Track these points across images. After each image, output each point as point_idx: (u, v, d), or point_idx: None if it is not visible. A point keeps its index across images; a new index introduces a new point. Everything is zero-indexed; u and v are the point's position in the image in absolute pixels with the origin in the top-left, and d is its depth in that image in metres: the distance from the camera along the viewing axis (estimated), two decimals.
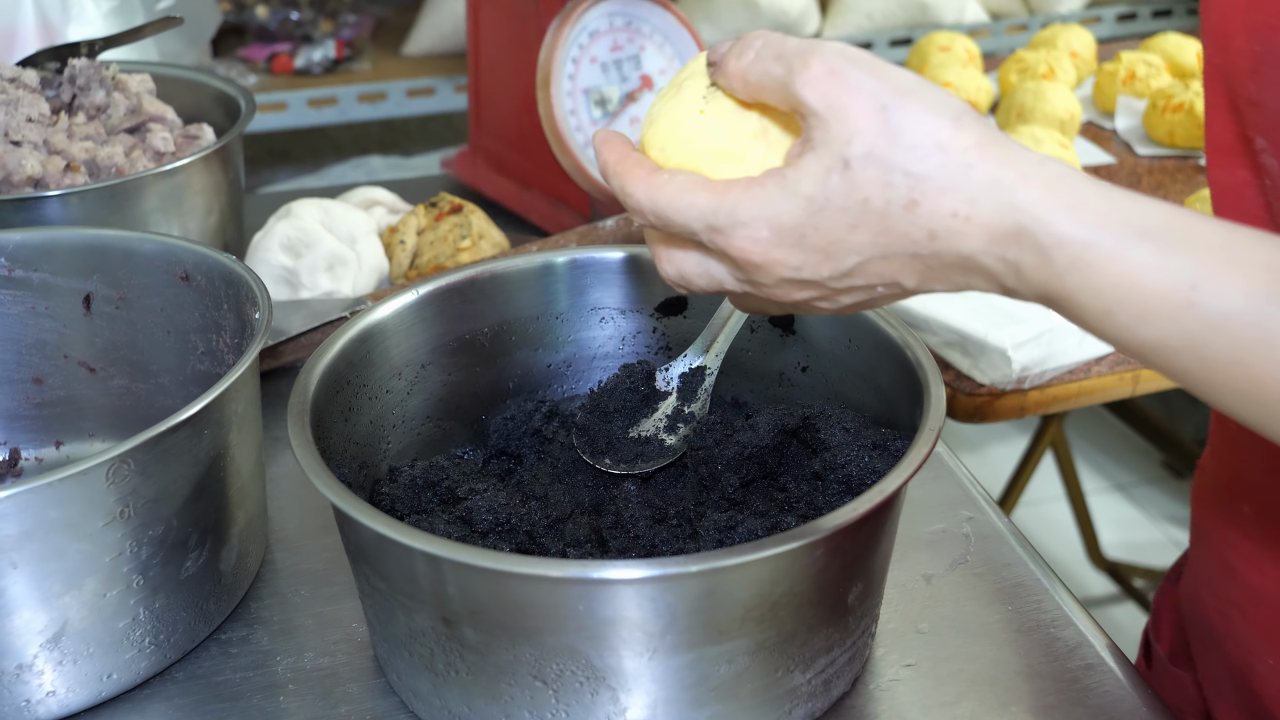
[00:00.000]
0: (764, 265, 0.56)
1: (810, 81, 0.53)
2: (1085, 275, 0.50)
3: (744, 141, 0.58)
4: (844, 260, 0.55)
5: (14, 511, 0.64)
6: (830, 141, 0.53)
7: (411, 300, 0.81)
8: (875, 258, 0.54)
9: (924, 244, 0.53)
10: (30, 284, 0.88)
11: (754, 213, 0.55)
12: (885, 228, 0.53)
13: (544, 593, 0.60)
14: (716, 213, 0.56)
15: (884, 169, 0.52)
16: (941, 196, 0.52)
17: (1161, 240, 0.49)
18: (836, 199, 0.53)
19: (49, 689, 0.70)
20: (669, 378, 0.82)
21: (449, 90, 2.28)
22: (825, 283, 0.56)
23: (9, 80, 1.11)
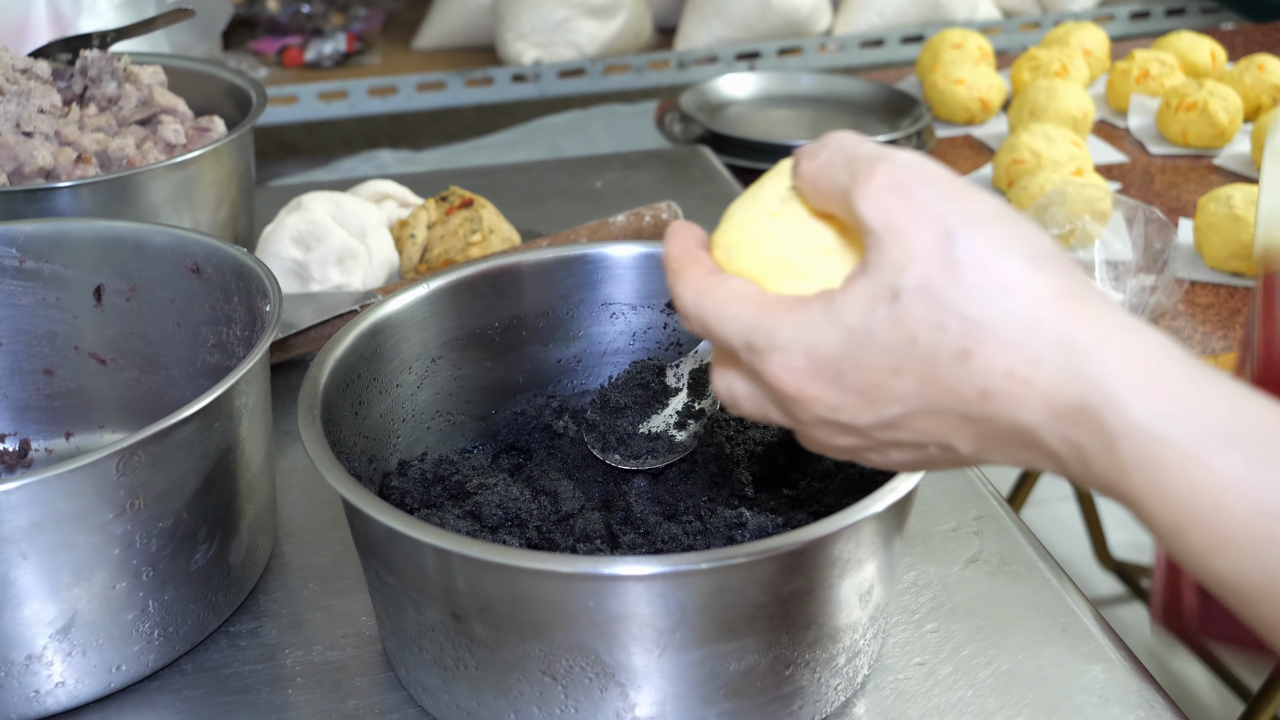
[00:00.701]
0: (799, 400, 0.49)
1: (870, 194, 0.47)
2: (1155, 479, 0.42)
3: (811, 255, 0.51)
4: (886, 408, 0.47)
5: (24, 502, 0.64)
6: (883, 267, 0.46)
7: (422, 294, 0.81)
8: (920, 411, 0.47)
9: (975, 404, 0.45)
10: (41, 275, 0.88)
11: (792, 337, 0.48)
12: (932, 377, 0.46)
13: (554, 588, 0.60)
14: (755, 330, 0.49)
15: (937, 308, 0.45)
16: (999, 351, 0.44)
17: (1256, 451, 0.41)
18: (881, 335, 0.46)
19: (58, 680, 0.70)
20: (680, 374, 0.82)
21: (459, 84, 2.28)
22: (868, 431, 0.49)
23: (21, 71, 1.11)
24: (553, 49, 2.29)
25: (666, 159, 1.49)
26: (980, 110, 1.74)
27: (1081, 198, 1.31)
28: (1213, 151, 1.63)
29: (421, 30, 2.42)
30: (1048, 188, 1.36)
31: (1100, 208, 1.32)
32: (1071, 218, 1.30)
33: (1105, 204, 1.32)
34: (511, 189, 1.39)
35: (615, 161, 1.48)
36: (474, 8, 2.37)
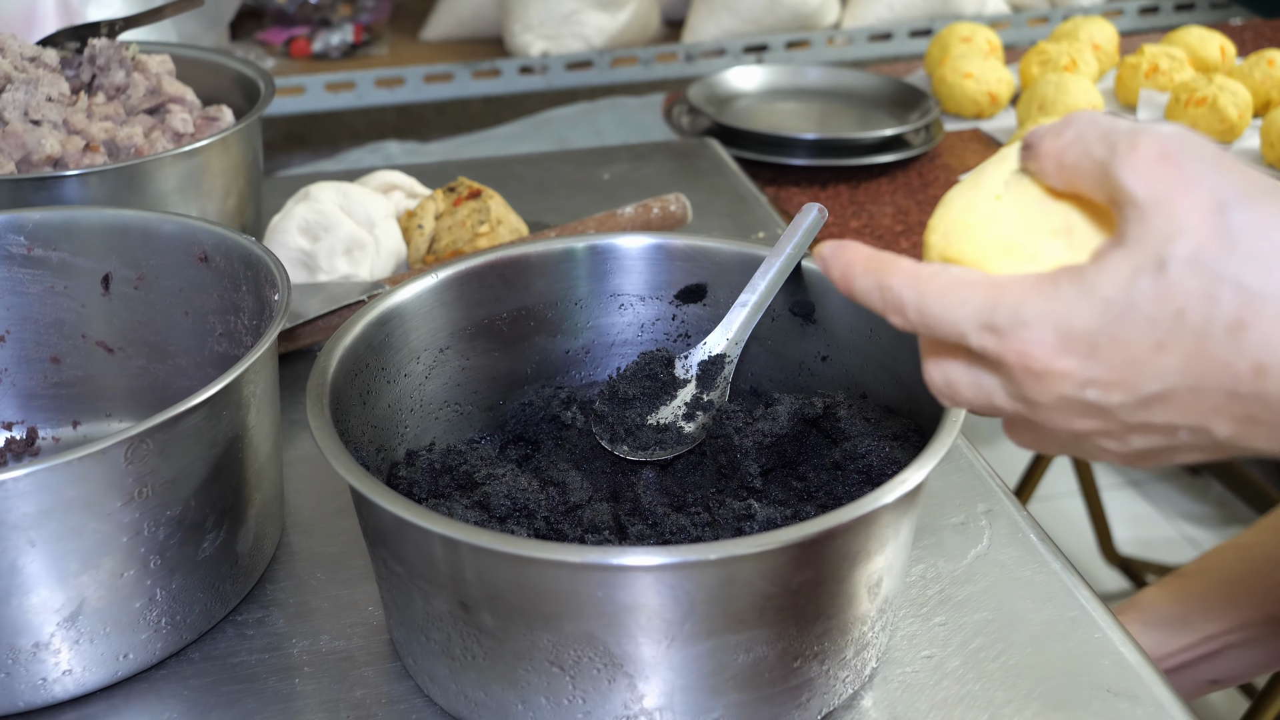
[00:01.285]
0: (1044, 376, 0.47)
1: (1136, 165, 0.45)
2: None
3: (1041, 237, 0.50)
4: (1142, 386, 0.46)
5: (33, 490, 0.64)
6: (1147, 238, 0.45)
7: (431, 284, 0.81)
8: (1182, 389, 0.45)
9: (1246, 379, 0.44)
10: (49, 263, 0.88)
11: (1039, 312, 0.46)
12: (1200, 352, 0.44)
13: (563, 579, 0.60)
14: (995, 310, 0.47)
15: (1210, 278, 0.44)
16: (1278, 321, 0.43)
17: None
18: (1144, 307, 0.44)
19: (65, 668, 0.70)
20: (688, 365, 0.82)
21: (466, 76, 2.28)
22: (1114, 412, 0.47)
23: (29, 59, 1.11)
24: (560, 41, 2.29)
25: (674, 151, 1.49)
26: (989, 104, 1.73)
27: None
28: (1222, 147, 1.63)
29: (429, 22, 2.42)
30: None
31: None
32: None
33: None
34: (519, 180, 1.39)
35: (623, 153, 1.47)
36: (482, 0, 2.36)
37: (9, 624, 0.67)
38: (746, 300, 0.81)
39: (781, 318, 0.83)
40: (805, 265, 0.82)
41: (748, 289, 0.81)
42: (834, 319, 0.81)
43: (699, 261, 0.85)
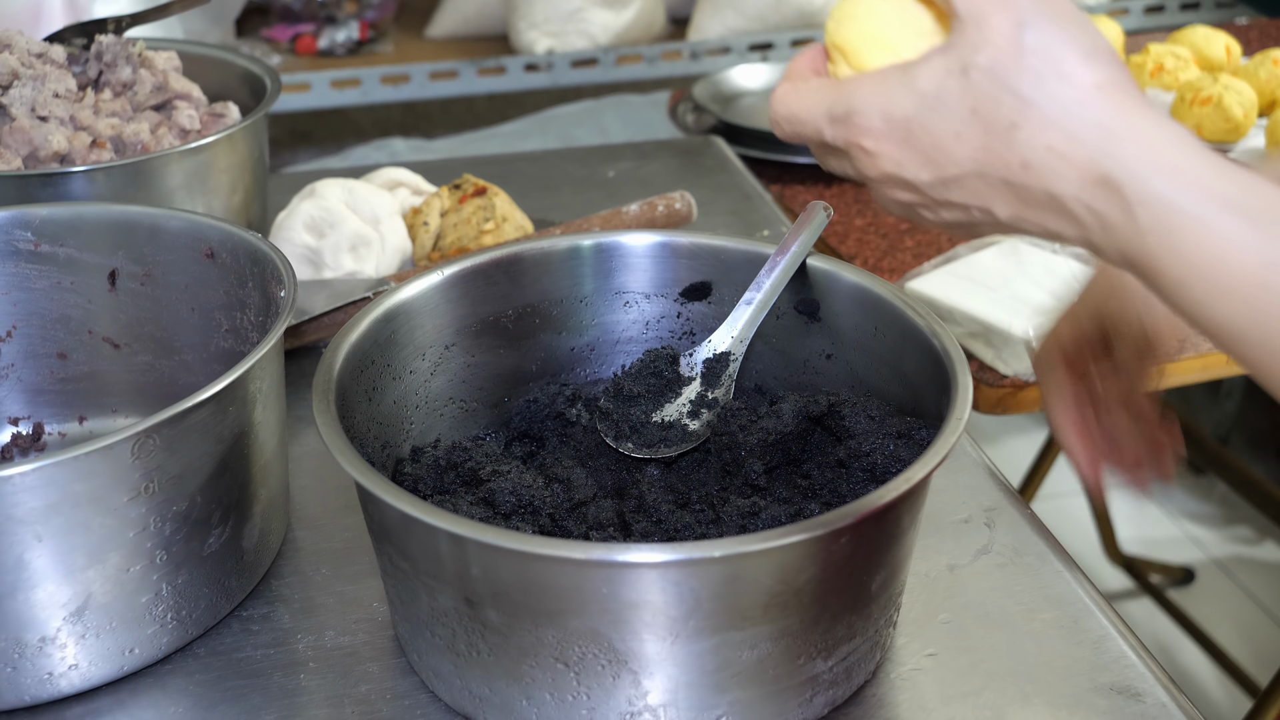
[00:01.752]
0: (873, 154, 0.56)
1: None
2: (1166, 240, 0.49)
3: (907, 36, 0.57)
4: (944, 168, 0.54)
5: (40, 485, 0.65)
6: (961, 45, 0.53)
7: (437, 281, 0.81)
8: (972, 174, 0.53)
9: (1017, 172, 0.52)
10: (56, 259, 0.89)
11: (870, 101, 0.55)
12: (985, 144, 0.52)
13: (568, 575, 0.60)
14: (836, 103, 0.56)
15: (998, 85, 0.52)
16: (1043, 128, 0.51)
17: (1257, 217, 0.48)
18: (948, 102, 0.53)
19: (71, 662, 0.70)
20: (693, 363, 0.82)
21: (472, 73, 2.28)
22: (925, 189, 0.56)
23: (36, 56, 1.11)
24: (565, 38, 2.29)
25: (679, 149, 1.49)
26: None
27: None
28: (1228, 146, 1.63)
29: (434, 19, 2.42)
30: None
31: None
32: None
33: None
34: (524, 178, 1.39)
35: (628, 151, 1.48)
36: None
37: (15, 619, 0.68)
38: (751, 298, 0.81)
39: (786, 316, 0.83)
40: (810, 263, 0.82)
41: (752, 287, 0.81)
42: (838, 317, 0.82)
43: (704, 259, 0.85)
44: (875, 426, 0.74)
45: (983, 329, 1.25)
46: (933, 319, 0.75)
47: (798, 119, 0.59)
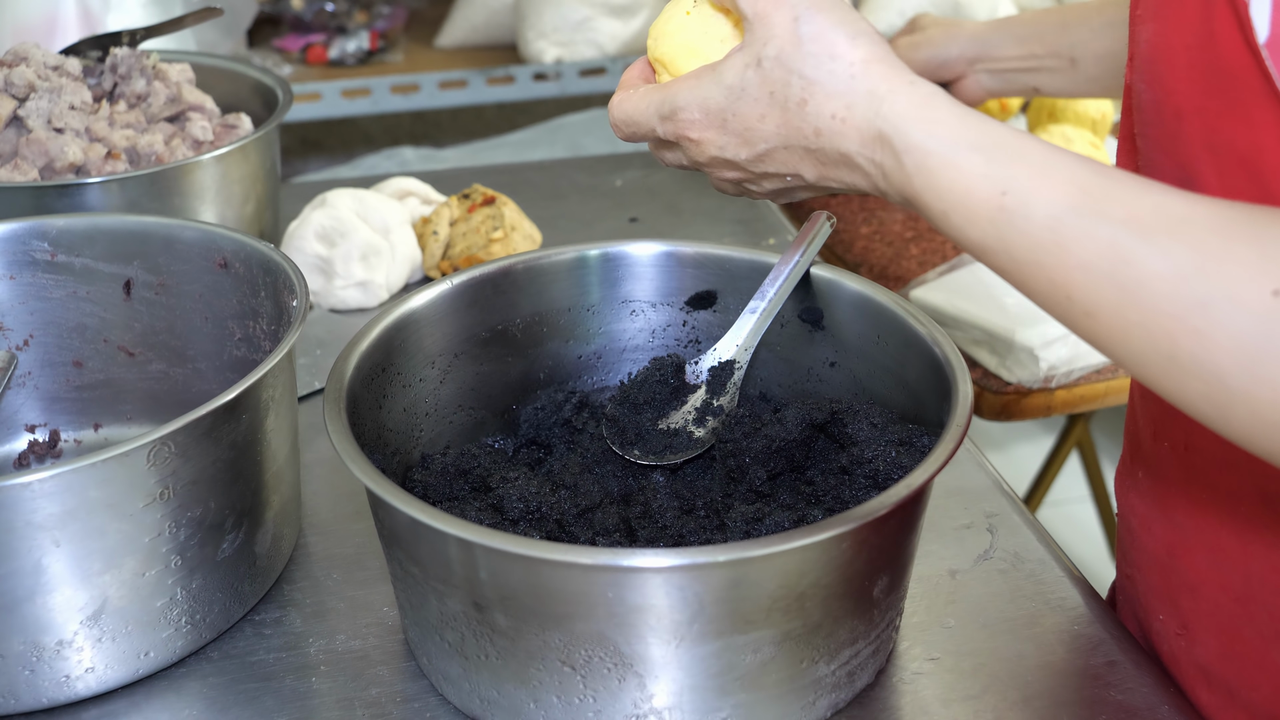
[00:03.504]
0: (699, 142, 0.66)
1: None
2: (927, 179, 0.58)
3: (712, 43, 0.68)
4: (756, 145, 0.64)
5: (57, 491, 0.66)
6: (753, 43, 0.62)
7: (446, 291, 0.82)
8: (779, 147, 0.63)
9: (812, 139, 0.62)
10: (72, 269, 0.90)
11: (689, 99, 0.65)
12: (785, 120, 0.62)
13: (574, 579, 0.61)
14: (663, 103, 0.66)
15: (786, 70, 0.61)
16: (826, 100, 0.61)
17: (991, 154, 0.56)
18: (751, 90, 0.63)
19: (88, 665, 0.72)
20: (698, 371, 0.83)
21: (481, 82, 2.29)
22: (745, 165, 0.66)
23: (53, 68, 1.13)
24: (574, 48, 2.30)
25: None
26: (999, 111, 1.74)
27: None
28: None
29: (444, 28, 2.43)
30: None
31: None
32: None
33: None
34: (533, 187, 1.40)
35: (636, 160, 1.49)
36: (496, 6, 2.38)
37: (33, 622, 0.69)
38: (756, 307, 0.82)
39: (790, 324, 0.84)
40: (814, 272, 0.83)
41: (757, 296, 0.82)
42: (842, 326, 0.83)
43: (709, 268, 0.86)
44: (878, 434, 0.75)
45: (986, 336, 1.26)
46: (934, 327, 0.76)
47: (633, 121, 0.68)
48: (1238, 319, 0.50)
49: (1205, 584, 0.71)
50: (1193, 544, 0.72)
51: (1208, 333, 0.50)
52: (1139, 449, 0.77)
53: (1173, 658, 0.75)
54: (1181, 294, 0.51)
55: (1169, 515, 0.74)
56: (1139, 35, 0.66)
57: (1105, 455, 2.51)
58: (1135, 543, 0.78)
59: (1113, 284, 0.52)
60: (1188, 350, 0.51)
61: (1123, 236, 0.52)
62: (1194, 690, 0.74)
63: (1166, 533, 0.74)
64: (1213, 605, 0.71)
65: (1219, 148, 0.61)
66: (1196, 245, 0.51)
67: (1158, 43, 0.64)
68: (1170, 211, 0.52)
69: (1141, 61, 0.66)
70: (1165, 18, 0.63)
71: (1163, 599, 0.75)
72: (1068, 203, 0.54)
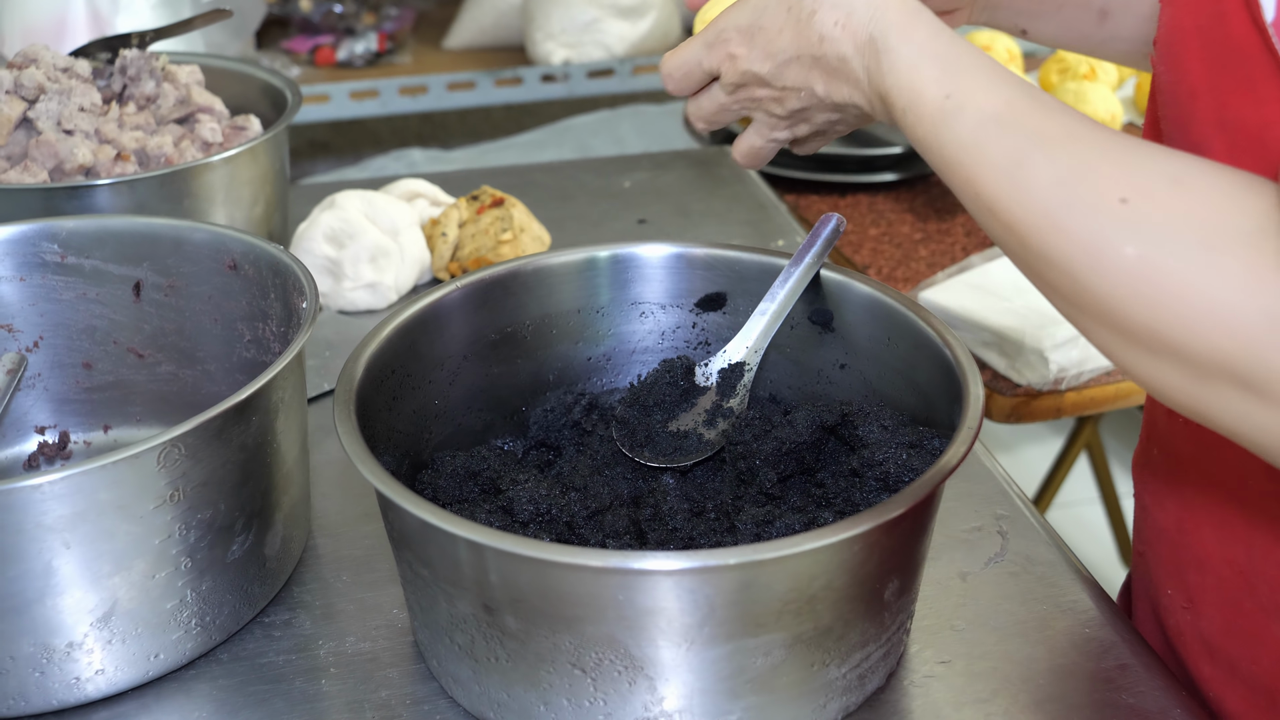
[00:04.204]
0: (735, 58, 0.73)
1: None
2: (895, 79, 0.65)
3: None
4: (776, 57, 0.71)
5: (68, 493, 0.66)
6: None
7: (455, 292, 0.82)
8: (792, 59, 0.70)
9: (817, 46, 0.69)
10: (82, 270, 0.90)
11: (726, 23, 0.74)
12: (798, 32, 0.69)
13: (585, 582, 0.61)
14: (707, 33, 0.75)
15: None
16: (831, 10, 0.68)
17: (947, 65, 0.64)
18: (770, 7, 0.71)
19: (98, 667, 0.72)
20: (708, 373, 0.83)
21: (489, 84, 2.29)
22: (769, 79, 0.72)
23: (62, 70, 1.13)
24: (582, 49, 2.30)
25: (694, 159, 1.50)
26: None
27: None
28: None
29: (452, 30, 2.43)
30: None
31: None
32: None
33: None
34: (541, 188, 1.40)
35: (644, 161, 1.49)
36: (504, 8, 2.38)
37: (44, 624, 0.69)
38: (766, 309, 0.82)
39: (800, 326, 0.84)
40: (824, 274, 0.83)
41: (767, 297, 0.82)
42: (852, 328, 0.83)
43: (719, 270, 0.86)
44: (888, 436, 0.75)
45: (996, 338, 1.26)
46: (945, 329, 0.76)
47: (682, 61, 0.76)
48: (1089, 219, 0.56)
49: (1211, 558, 0.73)
50: (1201, 519, 0.73)
51: (1068, 230, 0.57)
52: (1155, 427, 0.79)
53: (1178, 632, 0.77)
54: (1055, 195, 0.57)
55: (1180, 491, 0.75)
56: (1161, 19, 0.69)
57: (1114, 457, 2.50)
58: (1148, 519, 0.80)
59: (1010, 183, 0.59)
60: (1055, 246, 0.57)
61: (1025, 144, 0.59)
62: (1197, 664, 0.75)
63: (1178, 508, 0.76)
64: (1218, 579, 0.73)
65: (1229, 125, 0.63)
66: (1077, 156, 0.58)
67: (1172, 25, 0.67)
68: (1072, 130, 0.59)
69: (1160, 44, 0.69)
70: (1178, 1, 0.66)
71: (1171, 574, 0.77)
72: (993, 112, 0.61)
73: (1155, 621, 0.80)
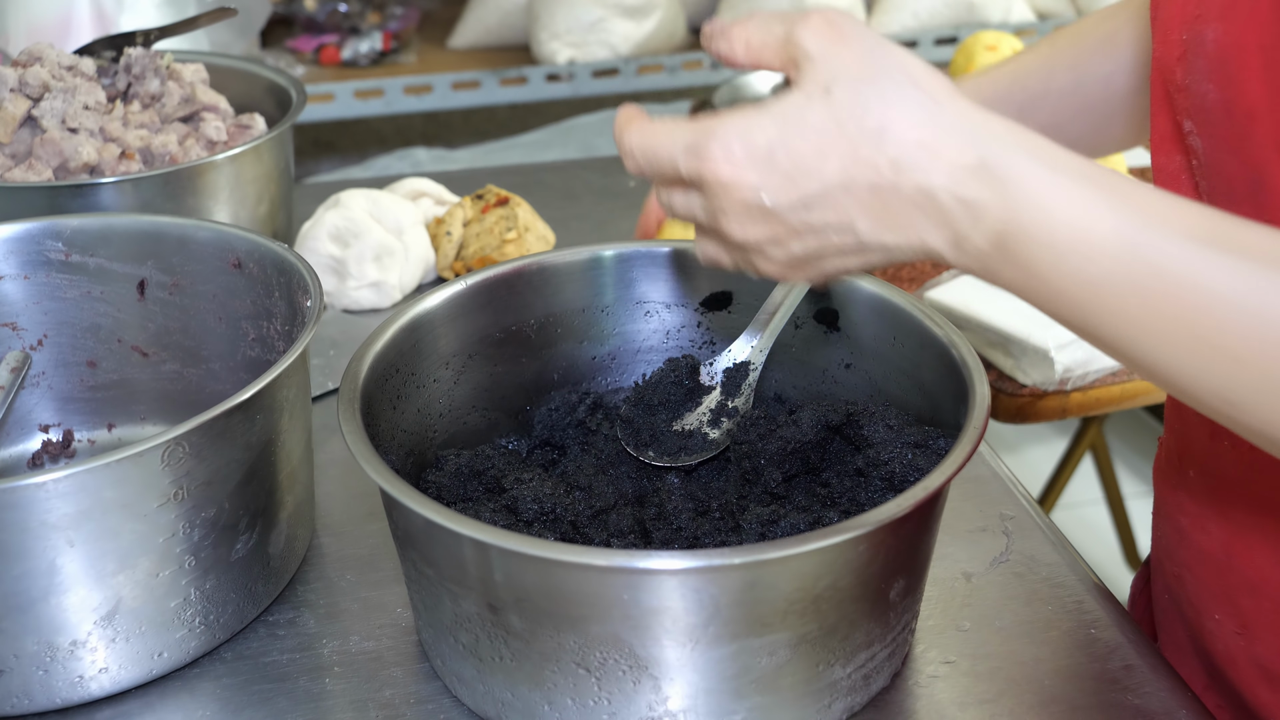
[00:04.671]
0: (730, 185, 0.57)
1: (810, 28, 0.57)
2: (1040, 212, 0.53)
3: None
4: (807, 185, 0.56)
5: (72, 491, 0.66)
6: (818, 74, 0.56)
7: (460, 291, 0.82)
8: (837, 187, 0.55)
9: (886, 173, 0.54)
10: (86, 269, 0.90)
11: (730, 130, 0.57)
12: (852, 152, 0.55)
13: (589, 581, 0.61)
14: (695, 132, 0.58)
15: (861, 96, 0.55)
16: (911, 127, 0.54)
17: (1102, 183, 0.53)
18: (812, 120, 0.55)
19: (102, 665, 0.71)
20: (713, 372, 0.83)
21: (494, 83, 2.29)
22: (783, 215, 0.57)
23: (67, 68, 1.13)
24: (587, 49, 2.30)
25: None
26: None
27: None
28: None
29: (457, 29, 2.43)
30: None
31: None
32: None
33: None
34: (546, 188, 1.40)
35: None
36: (509, 7, 2.38)
37: (48, 622, 0.69)
38: (772, 307, 0.82)
39: (805, 325, 0.84)
40: None
41: (772, 297, 0.82)
42: (857, 327, 0.82)
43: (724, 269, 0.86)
44: (893, 436, 0.75)
45: (1001, 338, 1.26)
46: (951, 329, 0.76)
47: (652, 150, 0.60)
48: None
49: (1267, 582, 0.70)
50: (1254, 541, 0.71)
51: None
52: (1189, 447, 0.76)
53: (1230, 658, 0.74)
54: None
55: (1227, 514, 0.73)
56: (1203, 35, 0.64)
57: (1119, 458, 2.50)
58: (1185, 542, 0.77)
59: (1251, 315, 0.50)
60: None
61: (1252, 264, 0.51)
62: (1253, 690, 0.73)
63: (1224, 532, 0.73)
64: (1275, 604, 0.70)
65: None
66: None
67: (1227, 42, 0.62)
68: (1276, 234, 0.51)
69: (1207, 61, 0.64)
70: (1234, 17, 0.62)
71: (1219, 598, 0.75)
72: (1201, 235, 0.52)
73: (1193, 645, 0.79)
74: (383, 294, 1.14)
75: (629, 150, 0.61)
